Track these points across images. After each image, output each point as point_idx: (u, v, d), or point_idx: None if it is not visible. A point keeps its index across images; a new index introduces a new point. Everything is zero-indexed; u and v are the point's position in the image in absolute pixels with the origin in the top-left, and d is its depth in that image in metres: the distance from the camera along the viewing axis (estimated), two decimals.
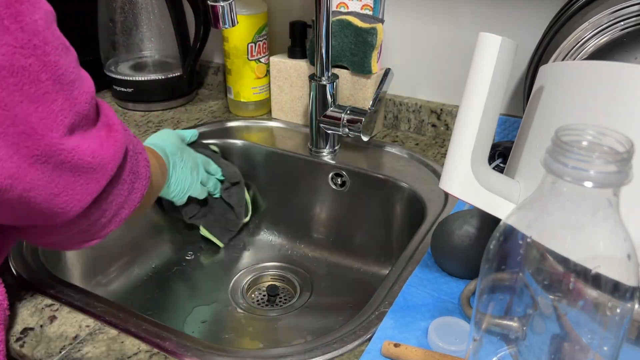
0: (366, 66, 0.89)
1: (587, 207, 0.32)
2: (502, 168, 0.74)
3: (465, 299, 0.55)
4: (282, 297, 0.85)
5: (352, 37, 0.89)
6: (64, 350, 0.52)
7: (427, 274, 0.60)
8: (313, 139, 0.89)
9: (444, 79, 0.94)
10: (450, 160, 0.51)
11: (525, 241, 0.34)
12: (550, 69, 0.56)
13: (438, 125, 0.95)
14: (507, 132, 0.86)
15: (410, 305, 0.56)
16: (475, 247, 0.57)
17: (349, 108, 0.84)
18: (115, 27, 1.05)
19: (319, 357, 0.51)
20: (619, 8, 0.62)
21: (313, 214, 0.93)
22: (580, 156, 0.30)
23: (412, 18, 0.93)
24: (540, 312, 0.36)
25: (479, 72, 0.51)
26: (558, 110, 0.52)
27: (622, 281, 0.32)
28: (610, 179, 0.30)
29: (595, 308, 0.34)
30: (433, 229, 0.64)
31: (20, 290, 0.60)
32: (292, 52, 0.97)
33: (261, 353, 0.54)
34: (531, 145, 0.54)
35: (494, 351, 0.41)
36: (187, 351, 0.52)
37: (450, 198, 0.75)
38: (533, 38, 0.79)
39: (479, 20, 0.87)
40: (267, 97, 1.04)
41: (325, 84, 0.84)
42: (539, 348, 0.38)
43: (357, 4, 0.92)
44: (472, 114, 0.51)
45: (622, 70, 0.48)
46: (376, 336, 0.52)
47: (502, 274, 0.36)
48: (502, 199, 0.50)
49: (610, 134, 0.32)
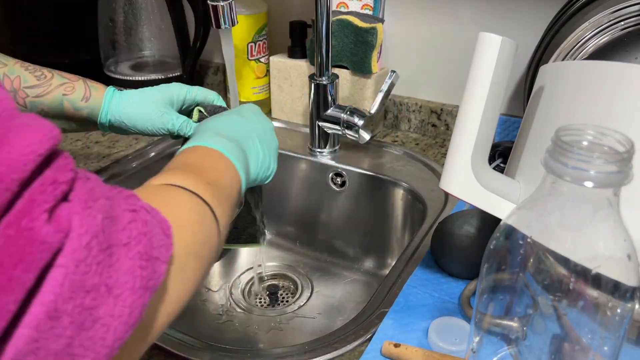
0: (366, 66, 0.89)
1: (587, 207, 0.32)
2: (502, 168, 0.74)
3: (466, 299, 0.55)
4: (282, 296, 0.85)
5: (352, 37, 0.89)
6: None
7: (427, 274, 0.60)
8: (313, 139, 0.89)
9: (444, 79, 0.94)
10: (450, 160, 0.51)
11: (525, 241, 0.34)
12: (550, 69, 0.56)
13: (438, 125, 0.95)
14: (507, 132, 0.86)
15: (410, 305, 0.56)
16: (475, 247, 0.57)
17: (349, 108, 0.84)
18: (115, 27, 1.05)
19: (319, 357, 0.51)
20: (619, 8, 0.62)
21: (313, 214, 0.93)
22: (580, 156, 0.30)
23: (412, 18, 0.92)
24: (540, 312, 0.36)
25: (479, 72, 0.51)
26: (558, 110, 0.52)
27: (622, 281, 0.32)
28: (610, 179, 0.30)
29: (595, 308, 0.34)
30: (433, 229, 0.64)
31: None
32: (292, 52, 0.97)
33: (261, 353, 0.54)
34: (531, 145, 0.54)
35: (494, 351, 0.41)
36: (186, 351, 0.52)
37: (450, 198, 0.75)
38: (533, 38, 0.79)
39: (479, 20, 0.87)
40: (267, 97, 1.04)
41: (325, 84, 0.84)
42: (539, 348, 0.38)
43: (357, 3, 0.92)
44: (472, 114, 0.51)
45: (622, 70, 0.48)
46: (376, 336, 0.52)
47: (503, 274, 0.36)
48: (502, 199, 0.50)
49: (611, 134, 0.32)
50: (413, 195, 0.80)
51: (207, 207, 0.38)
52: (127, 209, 0.27)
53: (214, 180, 0.42)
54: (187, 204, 0.37)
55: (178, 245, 0.32)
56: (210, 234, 0.37)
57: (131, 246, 0.27)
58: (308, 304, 0.82)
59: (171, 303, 0.32)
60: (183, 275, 0.33)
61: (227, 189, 0.44)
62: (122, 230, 0.26)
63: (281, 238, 0.96)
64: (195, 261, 0.34)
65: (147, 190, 0.37)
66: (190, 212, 0.36)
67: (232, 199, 0.44)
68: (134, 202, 0.28)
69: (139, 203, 0.29)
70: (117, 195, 0.28)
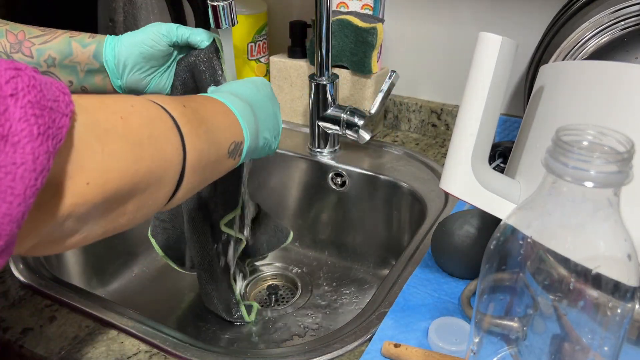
0: (366, 66, 0.89)
1: (588, 207, 0.32)
2: (502, 168, 0.74)
3: (466, 299, 0.55)
4: (282, 297, 0.85)
5: (352, 37, 0.89)
6: (64, 350, 0.52)
7: (427, 274, 0.60)
8: (313, 139, 0.89)
9: (444, 79, 0.94)
10: (450, 160, 0.51)
11: (525, 241, 0.34)
12: (550, 69, 0.56)
13: (438, 125, 0.95)
14: (507, 132, 0.86)
15: (410, 305, 0.56)
16: (475, 247, 0.57)
17: (349, 108, 0.84)
18: (115, 27, 1.05)
19: (319, 357, 0.51)
20: (619, 8, 0.62)
21: (313, 214, 0.93)
22: (580, 156, 0.30)
23: (412, 18, 0.92)
24: (540, 312, 0.36)
25: (479, 72, 0.51)
26: (558, 110, 0.52)
27: (622, 281, 0.32)
28: (610, 179, 0.30)
29: (595, 308, 0.34)
30: (433, 229, 0.64)
31: (20, 290, 0.60)
32: (292, 52, 0.97)
33: (261, 353, 0.54)
34: (531, 145, 0.54)
35: (494, 351, 0.41)
36: (186, 351, 0.52)
37: (450, 198, 0.75)
38: (533, 38, 0.79)
39: (479, 20, 0.87)
40: None
41: (325, 84, 0.84)
42: (539, 348, 0.38)
43: (357, 3, 0.92)
44: (472, 114, 0.51)
45: (622, 70, 0.48)
46: (376, 336, 0.52)
47: (503, 274, 0.36)
48: (502, 199, 0.50)
49: (611, 134, 0.32)
50: (413, 195, 0.80)
51: (171, 120, 0.38)
52: (9, 67, 0.27)
53: (201, 114, 0.43)
54: (137, 106, 0.37)
55: (99, 119, 0.33)
56: (162, 140, 0.37)
57: (19, 97, 0.26)
58: (308, 304, 0.82)
59: (90, 175, 0.31)
60: (104, 150, 0.32)
61: (217, 129, 0.44)
62: (5, 84, 0.26)
63: None
64: (126, 145, 0.34)
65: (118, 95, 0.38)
66: (134, 110, 0.36)
67: (220, 143, 0.44)
68: (17, 65, 0.28)
69: (24, 65, 0.28)
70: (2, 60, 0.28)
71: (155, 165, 0.36)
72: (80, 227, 0.33)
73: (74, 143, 0.30)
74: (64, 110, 0.29)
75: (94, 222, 0.33)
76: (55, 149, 0.28)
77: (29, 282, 0.61)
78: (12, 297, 0.59)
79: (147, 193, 0.36)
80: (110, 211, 0.34)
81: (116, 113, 0.35)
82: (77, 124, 0.31)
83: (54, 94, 0.29)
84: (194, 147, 0.40)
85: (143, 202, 0.37)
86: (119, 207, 0.35)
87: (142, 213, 0.37)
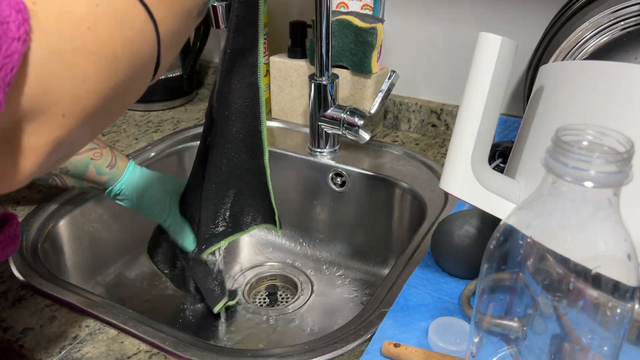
0: (366, 66, 0.89)
1: (588, 207, 0.32)
2: (502, 168, 0.74)
3: (466, 299, 0.55)
4: (282, 297, 0.85)
5: (352, 37, 0.89)
6: (64, 350, 0.52)
7: (427, 274, 0.60)
8: (313, 139, 0.89)
9: (444, 79, 0.94)
10: (450, 160, 0.51)
11: (525, 241, 0.34)
12: (550, 69, 0.56)
13: (438, 125, 0.95)
14: (507, 132, 0.86)
15: (410, 305, 0.56)
16: (475, 247, 0.57)
17: (349, 108, 0.84)
18: None
19: (319, 357, 0.51)
20: (619, 8, 0.62)
21: (313, 214, 0.93)
22: (580, 156, 0.30)
23: (412, 18, 0.93)
24: (540, 312, 0.36)
25: (479, 72, 0.51)
26: (558, 110, 0.52)
27: (622, 281, 0.32)
28: (610, 179, 0.30)
29: (595, 308, 0.34)
30: (433, 229, 0.64)
31: (20, 290, 0.60)
32: (292, 52, 0.97)
33: (261, 353, 0.54)
34: (531, 145, 0.54)
35: (494, 351, 0.41)
36: (186, 351, 0.52)
37: (450, 198, 0.75)
38: (533, 38, 0.79)
39: (479, 20, 0.87)
40: (267, 97, 1.04)
41: (325, 84, 0.84)
42: (539, 348, 0.38)
43: (357, 4, 0.92)
44: (472, 114, 0.51)
45: (622, 70, 0.48)
46: (376, 336, 0.52)
47: (503, 274, 0.36)
48: (502, 199, 0.50)
49: (611, 134, 0.32)
50: (413, 195, 0.80)
51: (142, 7, 0.33)
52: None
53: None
54: (103, 3, 0.31)
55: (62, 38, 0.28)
56: (137, 41, 0.32)
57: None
58: (308, 304, 0.82)
59: (64, 107, 0.29)
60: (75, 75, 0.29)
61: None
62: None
63: (281, 238, 0.96)
64: (99, 62, 0.30)
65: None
66: (101, 11, 0.31)
67: (191, 11, 0.38)
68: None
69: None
70: None
71: (133, 69, 0.33)
72: (72, 141, 0.31)
73: (37, 72, 0.26)
74: (15, 33, 0.24)
75: (82, 133, 0.31)
76: (7, 82, 0.24)
77: (29, 282, 0.61)
78: (12, 297, 0.59)
79: (127, 92, 0.34)
80: (95, 122, 0.32)
81: (81, 22, 0.29)
82: (36, 48, 0.26)
83: (3, 14, 0.24)
84: (169, 32, 0.35)
85: (126, 99, 0.34)
86: (104, 115, 0.32)
87: (128, 103, 0.35)
